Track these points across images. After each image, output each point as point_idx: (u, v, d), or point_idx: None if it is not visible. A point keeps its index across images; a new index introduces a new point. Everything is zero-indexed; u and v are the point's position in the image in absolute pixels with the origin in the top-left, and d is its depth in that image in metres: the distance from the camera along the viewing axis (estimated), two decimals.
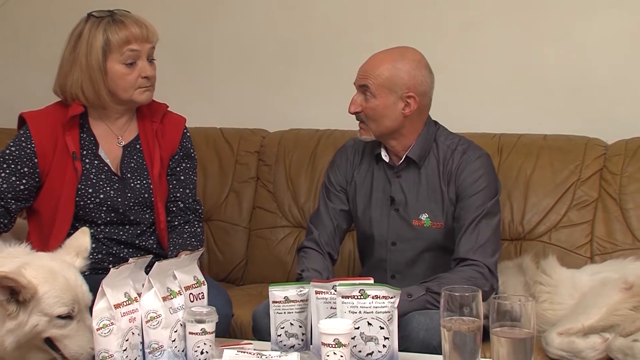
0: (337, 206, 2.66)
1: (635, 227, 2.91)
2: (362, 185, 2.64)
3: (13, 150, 2.55)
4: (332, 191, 2.67)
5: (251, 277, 3.24)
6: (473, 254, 2.43)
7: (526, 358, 1.90)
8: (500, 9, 3.28)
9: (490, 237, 2.46)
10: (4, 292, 2.11)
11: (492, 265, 2.44)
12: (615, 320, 2.48)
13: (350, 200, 2.67)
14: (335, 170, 2.69)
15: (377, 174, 2.63)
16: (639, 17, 3.15)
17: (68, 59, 2.58)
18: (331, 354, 1.99)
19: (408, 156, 2.56)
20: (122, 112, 2.65)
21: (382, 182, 2.62)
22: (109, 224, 2.61)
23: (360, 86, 2.53)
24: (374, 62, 2.52)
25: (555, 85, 3.25)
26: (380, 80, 2.48)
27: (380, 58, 2.52)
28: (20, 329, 2.14)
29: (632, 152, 2.99)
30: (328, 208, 2.65)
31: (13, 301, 2.12)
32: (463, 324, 1.95)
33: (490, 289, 2.42)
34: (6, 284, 2.09)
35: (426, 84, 2.53)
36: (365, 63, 2.54)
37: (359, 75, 2.53)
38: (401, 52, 2.53)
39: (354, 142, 2.69)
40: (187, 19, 3.57)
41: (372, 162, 2.64)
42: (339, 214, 2.66)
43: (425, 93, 2.53)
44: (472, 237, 2.45)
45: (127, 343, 2.03)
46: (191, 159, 2.74)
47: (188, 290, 2.17)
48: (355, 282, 2.10)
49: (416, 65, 2.51)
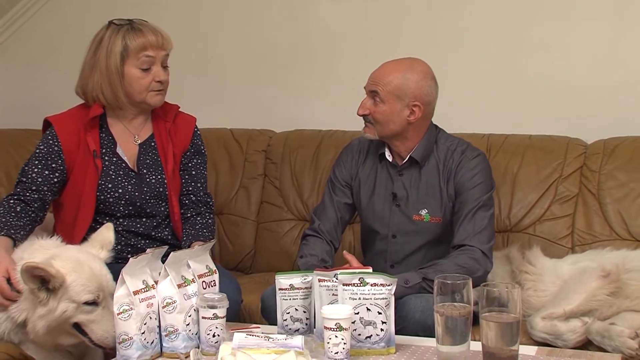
0: (341, 199, 2.66)
1: (612, 220, 2.91)
2: (366, 182, 2.64)
3: (42, 149, 2.56)
4: (337, 185, 2.67)
5: (259, 266, 3.24)
6: (470, 240, 2.44)
7: (513, 341, 1.90)
8: (489, 20, 3.28)
9: (486, 226, 2.47)
10: (35, 281, 2.13)
11: (487, 251, 2.45)
12: (594, 305, 2.48)
13: (355, 195, 2.67)
14: (341, 166, 2.69)
15: (381, 172, 2.63)
16: (614, 28, 3.15)
17: (89, 62, 2.58)
18: (333, 337, 1.99)
19: (411, 156, 2.57)
20: (138, 113, 2.65)
21: (384, 179, 2.62)
22: (127, 217, 2.62)
23: (370, 91, 2.52)
24: (385, 71, 2.52)
25: (539, 89, 3.25)
26: (390, 88, 2.48)
27: (391, 67, 2.52)
28: (50, 315, 2.16)
29: (610, 151, 2.99)
30: (333, 200, 2.66)
31: (44, 289, 2.15)
32: (455, 309, 1.95)
33: (484, 272, 2.43)
34: (37, 273, 2.11)
35: (431, 94, 2.53)
36: (376, 70, 2.54)
37: (370, 81, 2.53)
38: (411, 63, 2.53)
39: (359, 141, 2.69)
40: (200, 29, 3.57)
41: (375, 161, 2.64)
42: (343, 206, 2.66)
43: (430, 102, 2.54)
44: (469, 225, 2.46)
45: (145, 327, 2.04)
46: (202, 155, 2.75)
47: (201, 278, 2.18)
48: (355, 271, 2.11)
49: (424, 77, 2.51)
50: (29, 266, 2.10)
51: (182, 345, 2.07)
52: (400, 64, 2.53)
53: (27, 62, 3.73)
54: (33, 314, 2.17)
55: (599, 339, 2.37)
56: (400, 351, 2.11)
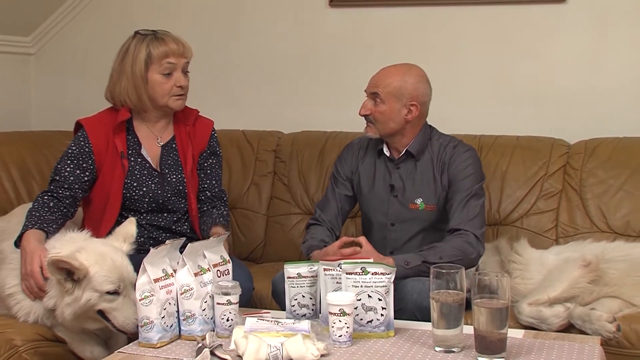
0: (342, 192, 2.65)
1: (593, 214, 2.89)
2: (366, 175, 2.63)
3: (74, 149, 2.54)
4: (339, 179, 2.67)
5: (269, 256, 3.23)
6: (464, 225, 2.43)
7: (502, 325, 1.90)
8: (480, 31, 3.27)
9: (478, 213, 2.46)
10: (61, 273, 2.14)
11: (480, 236, 2.44)
12: (576, 292, 2.48)
13: (355, 188, 2.66)
14: (342, 162, 2.68)
15: (379, 166, 2.62)
16: (594, 39, 3.14)
17: (117, 69, 2.58)
18: (337, 322, 1.99)
19: (408, 150, 2.56)
20: (161, 117, 2.64)
21: (383, 172, 2.61)
22: (150, 212, 2.61)
23: (371, 93, 2.52)
24: (385, 74, 2.52)
25: (526, 94, 3.24)
26: (390, 90, 2.48)
27: (390, 71, 2.52)
28: (76, 303, 2.16)
29: (591, 151, 2.97)
30: (335, 193, 2.65)
31: (69, 280, 2.15)
32: (449, 296, 1.95)
33: (477, 255, 2.42)
34: (62, 266, 2.12)
35: (426, 95, 2.54)
36: (377, 74, 2.53)
37: (371, 83, 2.53)
38: (408, 67, 2.54)
39: (359, 140, 2.69)
40: (218, 40, 3.57)
41: (374, 156, 2.64)
42: (344, 198, 2.65)
43: (425, 103, 2.54)
44: (463, 212, 2.45)
45: (165, 311, 2.04)
46: (217, 155, 2.73)
47: (216, 267, 2.17)
48: (358, 261, 2.10)
49: (420, 79, 2.51)
50: (54, 259, 2.11)
51: (198, 329, 2.07)
52: (399, 68, 2.53)
53: (59, 70, 3.74)
54: (61, 302, 2.18)
55: (580, 323, 2.37)
56: (399, 334, 2.10)
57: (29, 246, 2.29)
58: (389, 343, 2.04)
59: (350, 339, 2.01)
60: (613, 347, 2.34)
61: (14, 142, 3.09)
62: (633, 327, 2.37)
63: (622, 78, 3.13)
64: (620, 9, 3.11)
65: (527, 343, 2.04)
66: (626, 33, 3.11)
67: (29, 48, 3.71)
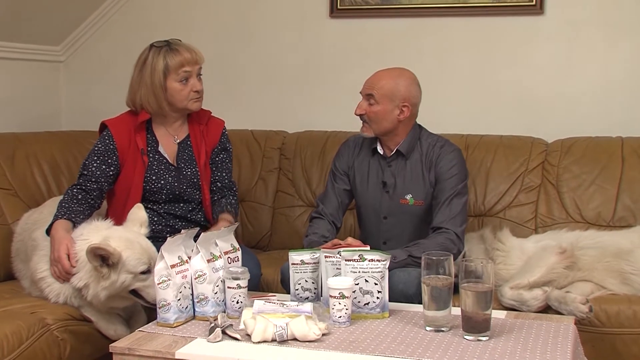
0: (341, 186, 2.62)
1: (568, 206, 2.87)
2: (360, 172, 2.61)
3: (100, 147, 2.53)
4: (338, 175, 2.64)
5: (275, 244, 3.21)
6: (446, 223, 2.40)
7: (487, 306, 1.89)
8: (466, 41, 3.25)
9: (460, 211, 2.43)
10: (96, 259, 2.14)
11: (460, 233, 2.41)
12: (553, 277, 2.46)
13: (351, 184, 2.63)
14: (340, 158, 2.65)
15: (372, 164, 2.59)
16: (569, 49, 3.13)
17: (136, 79, 2.56)
18: (337, 304, 1.99)
19: (398, 149, 2.53)
20: (177, 118, 2.63)
21: (376, 170, 2.58)
22: (168, 202, 2.60)
23: (366, 95, 2.49)
24: (379, 77, 2.49)
25: (508, 98, 3.22)
26: (383, 91, 2.45)
27: (383, 74, 2.50)
28: (112, 286, 2.18)
29: (567, 149, 2.95)
30: (334, 187, 2.62)
31: (105, 265, 2.14)
32: (438, 280, 1.95)
33: (458, 251, 2.40)
34: (99, 252, 2.13)
35: (417, 97, 2.50)
36: (371, 77, 2.50)
37: (366, 86, 2.50)
38: (401, 71, 2.51)
39: (355, 138, 2.66)
40: (228, 47, 3.55)
41: (368, 154, 2.60)
42: (343, 192, 2.62)
43: (416, 104, 2.51)
44: (446, 210, 2.42)
45: (180, 294, 2.03)
46: (227, 151, 2.71)
47: (227, 255, 2.17)
48: (356, 249, 2.10)
49: (411, 82, 2.48)
50: (92, 247, 2.12)
51: (211, 310, 2.06)
52: (392, 71, 2.50)
53: (85, 76, 3.73)
54: (97, 286, 2.18)
55: (557, 305, 2.35)
56: (393, 315, 2.09)
57: (57, 235, 2.30)
58: (384, 323, 2.03)
59: (349, 320, 2.00)
60: (585, 325, 2.33)
61: (45, 141, 3.08)
62: (603, 307, 2.36)
63: (594, 83, 3.12)
64: (592, 22, 3.11)
65: (509, 323, 2.04)
66: (597, 44, 3.11)
67: (59, 56, 3.70)
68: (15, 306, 2.29)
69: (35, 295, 2.37)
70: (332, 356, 1.80)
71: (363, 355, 1.79)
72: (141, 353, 1.86)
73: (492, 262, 1.97)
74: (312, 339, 1.87)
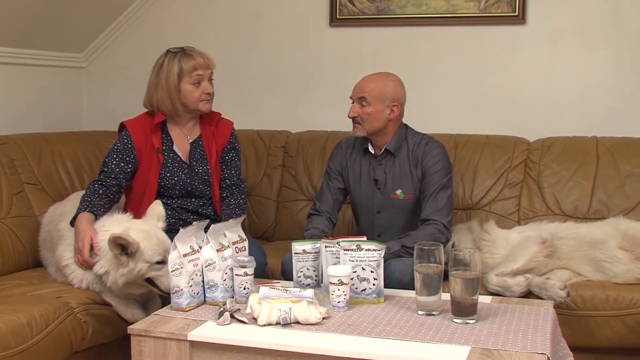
0: (336, 185, 2.60)
1: (548, 200, 2.86)
2: (354, 172, 2.59)
3: (119, 146, 2.52)
4: (332, 174, 2.62)
5: (279, 235, 3.20)
6: (434, 215, 2.39)
7: (474, 292, 1.89)
8: (455, 47, 3.23)
9: (445, 203, 2.42)
10: (117, 248, 2.14)
11: (447, 223, 2.40)
12: (534, 265, 2.45)
13: (345, 182, 2.61)
14: (333, 159, 2.64)
15: (364, 163, 2.57)
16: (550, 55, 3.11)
17: (153, 82, 2.55)
18: (336, 290, 1.98)
19: (387, 148, 2.52)
20: (190, 119, 2.62)
21: (367, 168, 2.57)
22: (181, 197, 2.59)
23: (357, 98, 2.48)
24: (368, 81, 2.48)
25: (493, 100, 3.21)
26: (375, 93, 2.44)
27: (372, 78, 2.49)
28: (130, 273, 2.18)
29: (547, 147, 2.94)
30: (329, 186, 2.60)
31: (124, 254, 2.15)
32: (429, 268, 1.94)
33: (446, 240, 2.39)
34: (119, 242, 2.12)
35: (404, 97, 2.50)
36: (360, 82, 2.50)
37: (356, 90, 2.49)
38: (387, 75, 2.51)
39: (347, 139, 2.65)
40: (236, 53, 3.54)
41: (360, 154, 2.59)
42: (337, 190, 2.60)
43: (403, 104, 2.51)
44: (432, 203, 2.41)
45: (192, 281, 2.03)
46: (236, 150, 2.70)
47: (234, 245, 2.16)
48: (354, 239, 2.08)
49: (398, 84, 2.49)
50: (114, 236, 2.12)
51: (220, 296, 2.06)
52: (379, 76, 2.50)
53: (106, 81, 3.72)
54: (116, 272, 2.19)
55: (538, 290, 2.35)
56: (388, 301, 2.09)
57: (81, 226, 2.30)
58: (379, 308, 2.02)
59: (347, 305, 2.00)
60: (564, 309, 2.33)
61: (68, 141, 3.08)
62: (580, 292, 2.36)
63: (572, 87, 3.11)
64: (571, 31, 3.09)
65: (494, 307, 2.04)
66: (575, 50, 3.10)
67: (81, 62, 3.70)
68: (43, 291, 2.30)
69: (60, 281, 2.38)
70: (331, 338, 1.80)
71: (360, 337, 1.79)
72: (156, 334, 1.87)
73: (479, 252, 1.97)
74: (313, 322, 1.86)
